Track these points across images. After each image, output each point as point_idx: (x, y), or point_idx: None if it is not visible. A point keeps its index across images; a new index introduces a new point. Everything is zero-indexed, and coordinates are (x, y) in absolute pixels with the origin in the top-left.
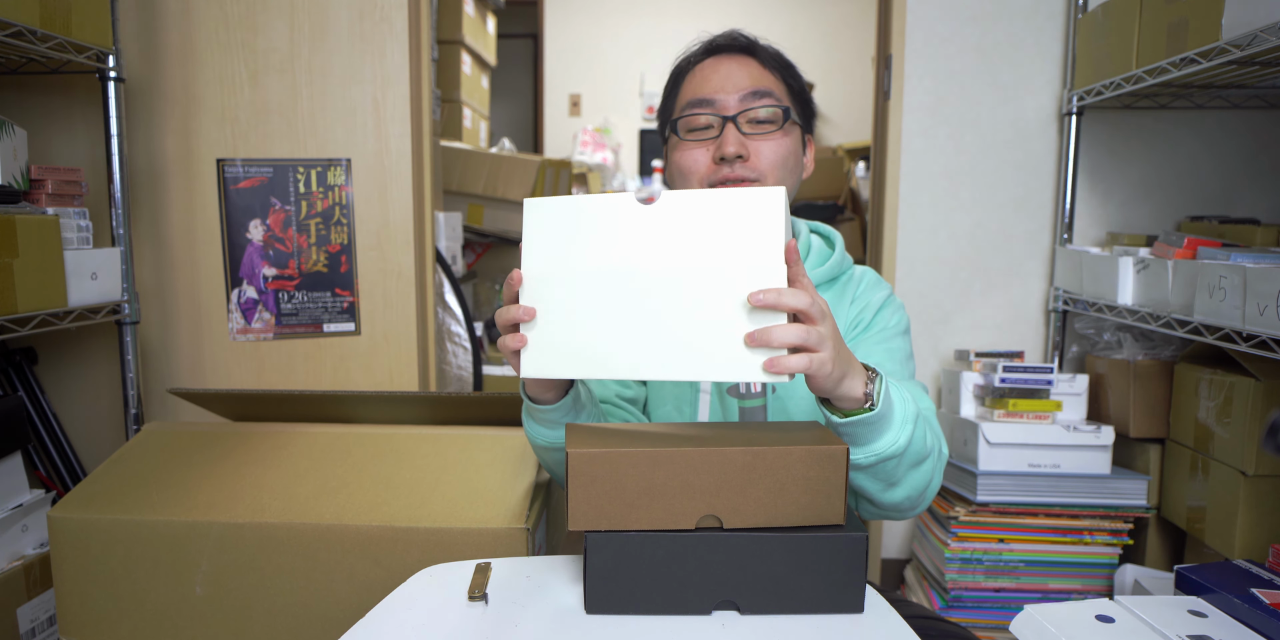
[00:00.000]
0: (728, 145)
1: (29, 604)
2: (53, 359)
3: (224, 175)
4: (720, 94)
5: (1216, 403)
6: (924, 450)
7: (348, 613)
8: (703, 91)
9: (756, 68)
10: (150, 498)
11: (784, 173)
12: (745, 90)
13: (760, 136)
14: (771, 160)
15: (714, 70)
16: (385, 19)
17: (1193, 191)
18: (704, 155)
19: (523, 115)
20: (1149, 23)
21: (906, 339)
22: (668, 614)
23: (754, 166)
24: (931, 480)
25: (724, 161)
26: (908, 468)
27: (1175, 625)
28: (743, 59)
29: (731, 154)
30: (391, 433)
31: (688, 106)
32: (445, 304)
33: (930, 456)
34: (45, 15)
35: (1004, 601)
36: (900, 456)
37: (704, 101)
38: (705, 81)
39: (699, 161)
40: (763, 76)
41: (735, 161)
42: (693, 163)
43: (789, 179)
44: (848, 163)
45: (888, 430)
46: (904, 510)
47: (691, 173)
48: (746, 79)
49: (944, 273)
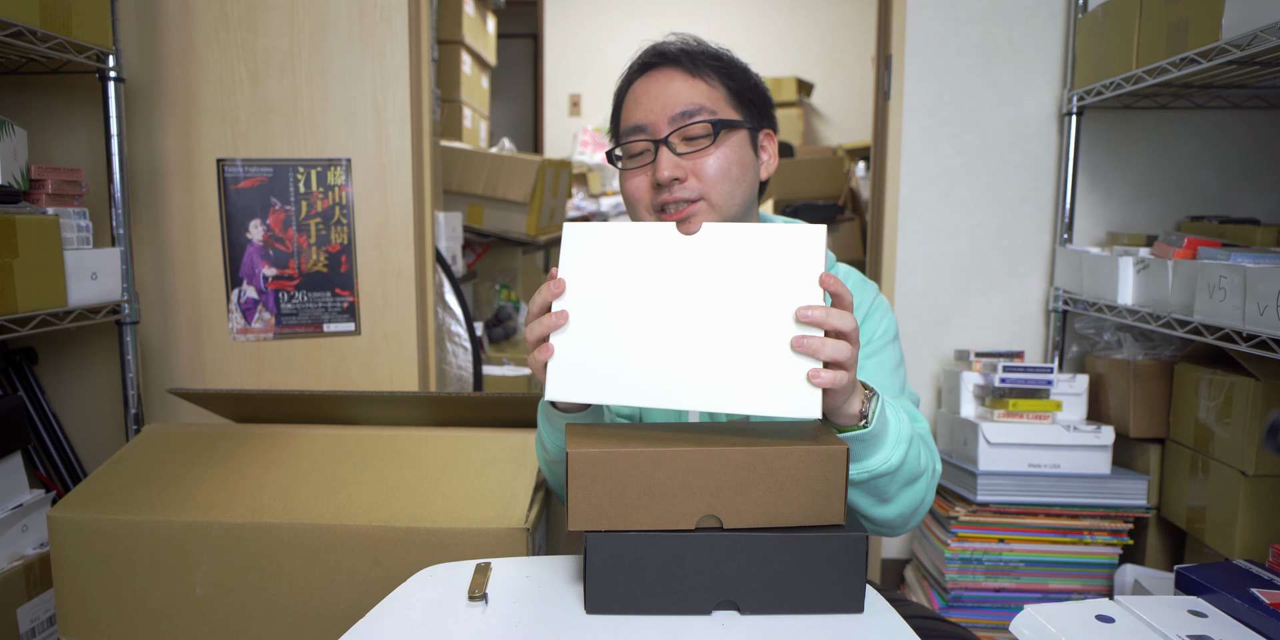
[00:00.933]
0: (661, 169)
1: (29, 604)
2: (53, 359)
3: (224, 175)
4: (650, 117)
5: (1216, 403)
6: (917, 470)
7: (348, 613)
8: (635, 117)
9: (684, 80)
10: (150, 498)
11: (729, 184)
12: (673, 110)
13: (696, 154)
14: (711, 176)
15: (644, 91)
16: (385, 19)
17: (1193, 191)
18: (644, 181)
19: (523, 115)
20: (1149, 23)
21: (896, 346)
22: (668, 614)
23: (692, 186)
24: (925, 499)
25: (661, 187)
26: (900, 485)
27: (1175, 625)
28: (670, 73)
29: (666, 178)
30: (392, 433)
31: (625, 133)
32: (445, 304)
33: (924, 476)
34: (45, 15)
35: (1004, 601)
36: (893, 474)
37: (637, 128)
38: (636, 105)
39: (640, 188)
40: (692, 89)
41: (672, 184)
42: (635, 189)
43: (738, 188)
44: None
45: (881, 448)
46: (895, 527)
47: (636, 200)
48: (674, 97)
49: (944, 273)
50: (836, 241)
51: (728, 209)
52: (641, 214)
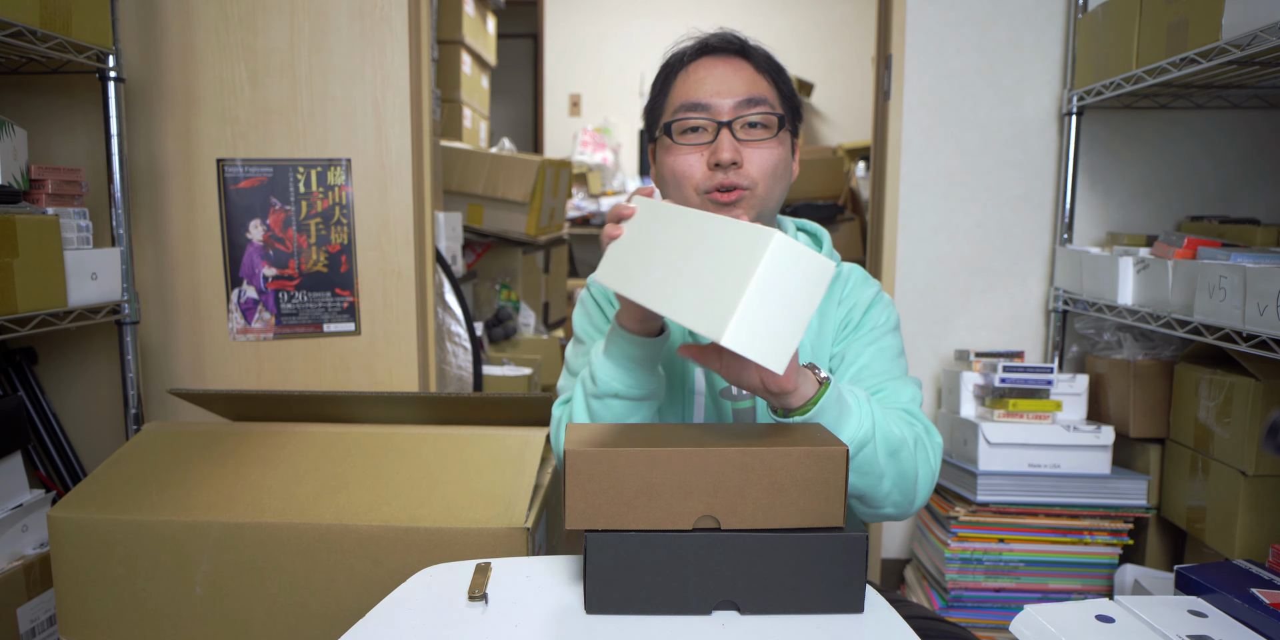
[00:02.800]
0: (723, 151)
1: (29, 604)
2: (53, 359)
3: (224, 175)
4: (715, 98)
5: (1216, 403)
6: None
7: (348, 613)
8: (697, 94)
9: (750, 72)
10: (150, 498)
11: (773, 180)
12: (740, 96)
13: (753, 143)
14: (763, 168)
15: (708, 72)
16: (385, 19)
17: (1193, 191)
18: (698, 160)
19: (523, 115)
20: (1149, 23)
21: (897, 336)
22: (668, 614)
23: (747, 173)
24: (918, 471)
25: (718, 168)
26: (883, 462)
27: (1175, 625)
28: (736, 62)
29: (727, 160)
30: (391, 433)
31: (681, 109)
32: (445, 304)
33: (904, 446)
34: (45, 15)
35: (1004, 601)
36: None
37: (698, 105)
38: (700, 84)
39: (693, 167)
40: (757, 81)
41: (730, 168)
42: (687, 167)
43: (778, 186)
44: (848, 163)
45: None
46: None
47: (685, 177)
48: (741, 84)
49: (944, 273)
50: (836, 242)
51: (767, 204)
52: (688, 193)
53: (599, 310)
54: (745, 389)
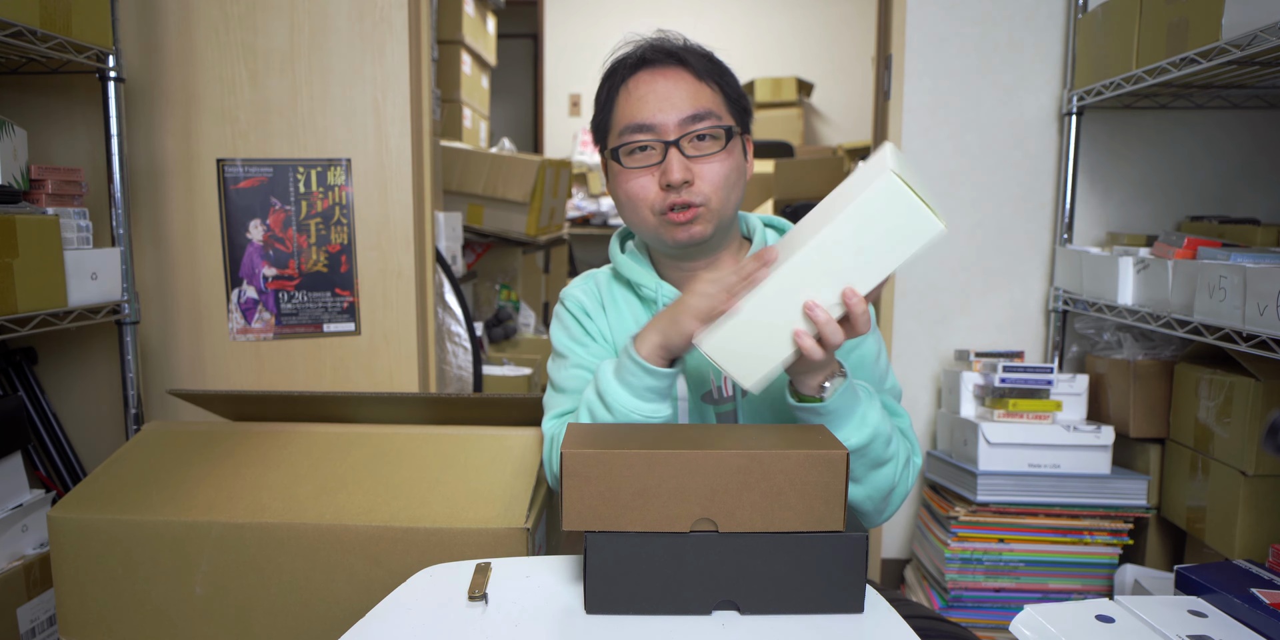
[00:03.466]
0: (673, 173)
1: (29, 604)
2: (53, 359)
3: (224, 175)
4: (659, 116)
5: (1216, 403)
6: (884, 456)
7: (348, 613)
8: (640, 115)
9: (691, 82)
10: (150, 498)
11: (727, 191)
12: (685, 112)
13: (703, 158)
14: (715, 182)
15: (649, 89)
16: (385, 19)
17: (1193, 191)
18: (650, 182)
19: (523, 115)
20: (1149, 23)
21: (875, 336)
22: (667, 614)
23: (699, 190)
24: (895, 487)
25: (670, 188)
26: (867, 468)
27: (1175, 625)
28: (676, 73)
29: (678, 181)
30: (391, 432)
31: (626, 131)
32: (445, 304)
33: (890, 462)
34: (45, 15)
35: (1004, 601)
36: (855, 453)
37: (643, 126)
38: (641, 103)
39: (646, 188)
40: (699, 92)
41: (682, 187)
42: (640, 189)
43: (733, 194)
44: (848, 163)
45: (842, 426)
46: (866, 513)
47: (640, 200)
48: (684, 98)
49: (944, 273)
50: None
51: (724, 214)
52: (644, 215)
53: (576, 323)
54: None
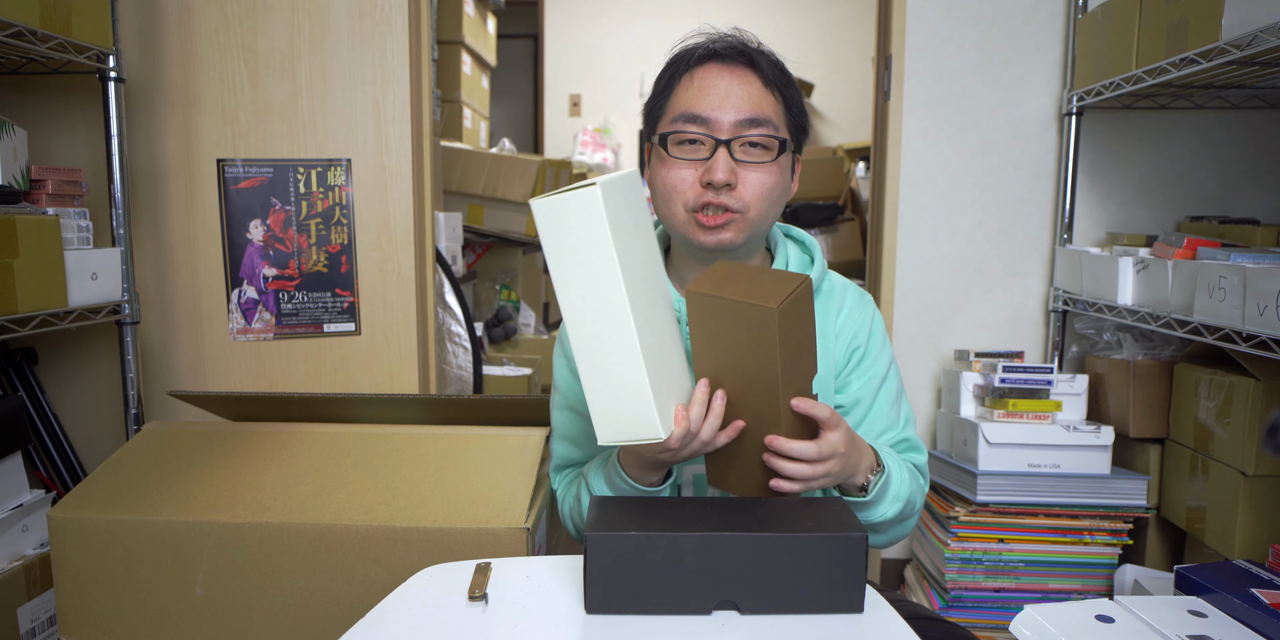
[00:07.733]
0: (716, 171)
1: (29, 604)
2: (53, 359)
3: (224, 175)
4: (716, 113)
5: (1216, 403)
6: (909, 513)
7: (348, 613)
8: (698, 106)
9: (758, 86)
10: (150, 498)
11: (768, 205)
12: (744, 114)
13: (751, 165)
14: (757, 192)
15: (713, 83)
16: (385, 19)
17: (1193, 191)
18: (691, 175)
19: (523, 115)
20: (1149, 23)
21: (894, 372)
22: (667, 614)
23: (739, 196)
24: (910, 527)
25: (710, 186)
26: (892, 524)
27: (1175, 625)
28: (744, 73)
29: (720, 181)
30: (391, 432)
31: (679, 120)
32: (445, 304)
33: (913, 517)
34: (45, 15)
35: (1004, 601)
36: (886, 521)
37: (698, 118)
38: (702, 95)
39: (685, 181)
40: (763, 98)
41: (722, 189)
42: (679, 182)
43: (772, 210)
44: (848, 163)
45: (878, 506)
46: (879, 546)
47: (676, 192)
48: (745, 100)
49: (944, 273)
50: (836, 242)
51: (759, 228)
52: (676, 208)
53: None
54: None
